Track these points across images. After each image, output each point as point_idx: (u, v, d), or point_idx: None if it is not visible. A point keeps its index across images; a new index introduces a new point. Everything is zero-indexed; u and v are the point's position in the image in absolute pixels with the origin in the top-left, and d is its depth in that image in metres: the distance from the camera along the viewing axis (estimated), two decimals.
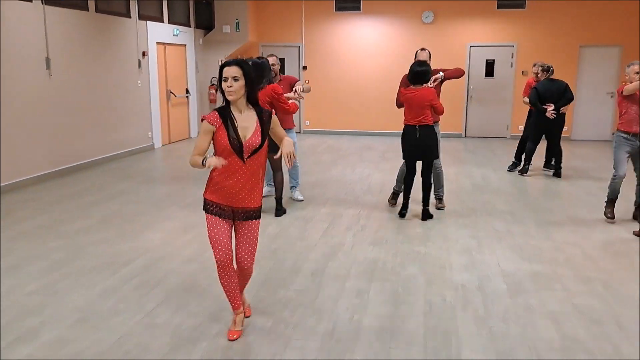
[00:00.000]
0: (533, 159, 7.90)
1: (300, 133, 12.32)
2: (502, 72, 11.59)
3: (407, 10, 11.66)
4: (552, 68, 7.61)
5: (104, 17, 8.44)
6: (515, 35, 11.39)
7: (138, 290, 3.77)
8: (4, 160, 6.59)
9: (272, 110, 3.01)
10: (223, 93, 2.87)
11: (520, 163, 8.02)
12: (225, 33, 11.77)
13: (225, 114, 2.89)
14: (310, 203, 6.16)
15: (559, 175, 7.63)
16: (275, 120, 3.00)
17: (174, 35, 10.59)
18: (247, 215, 3.00)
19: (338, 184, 7.16)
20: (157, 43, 10.02)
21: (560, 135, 7.69)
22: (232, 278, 3.02)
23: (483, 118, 11.87)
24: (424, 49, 5.88)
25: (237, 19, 11.69)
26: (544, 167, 8.13)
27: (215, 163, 2.75)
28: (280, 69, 7.07)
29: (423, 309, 3.49)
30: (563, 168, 7.80)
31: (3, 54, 6.53)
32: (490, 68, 11.61)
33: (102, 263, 4.29)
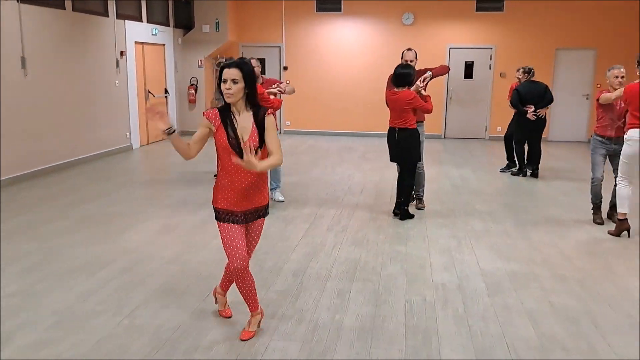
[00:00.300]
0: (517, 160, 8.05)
1: (281, 133, 12.30)
2: (481, 74, 11.74)
3: (387, 12, 11.74)
4: (533, 70, 7.75)
5: (81, 16, 8.32)
6: (494, 38, 11.55)
7: (117, 292, 3.73)
8: None
9: (268, 109, 2.92)
10: (222, 94, 2.83)
11: (514, 164, 8.12)
12: (205, 33, 11.70)
13: (225, 114, 2.87)
14: (291, 204, 6.16)
15: (536, 176, 7.76)
16: (271, 124, 2.91)
17: (153, 35, 10.49)
18: (257, 214, 3.00)
19: (319, 185, 7.17)
20: (135, 42, 9.91)
21: (541, 137, 7.82)
22: (249, 282, 3.01)
23: (462, 119, 12.01)
24: (410, 49, 5.90)
25: (216, 19, 11.63)
26: (527, 167, 8.25)
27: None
28: (261, 70, 7.13)
29: (404, 309, 3.52)
30: (540, 169, 7.93)
31: None
32: (470, 70, 11.75)
33: (80, 265, 4.23)
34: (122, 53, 9.40)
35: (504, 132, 8.50)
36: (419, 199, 6.04)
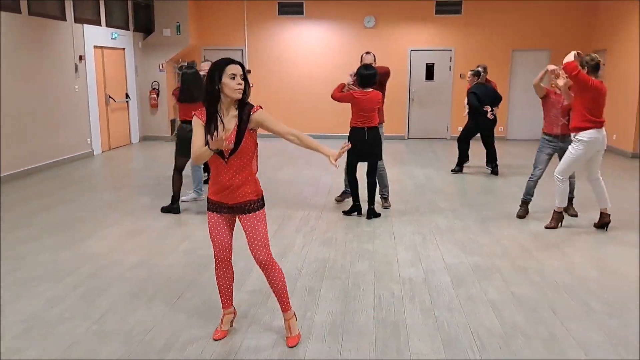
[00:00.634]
0: (471, 158, 8.30)
1: None
2: (441, 75, 12.03)
3: (349, 15, 11.90)
4: (481, 72, 8.01)
5: (38, 20, 8.13)
6: (453, 40, 11.85)
7: (85, 298, 3.68)
8: None
9: (256, 107, 2.89)
10: (216, 91, 2.77)
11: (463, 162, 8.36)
12: (166, 36, 11.58)
13: (210, 114, 2.84)
14: None
15: (497, 173, 8.02)
16: (261, 118, 2.87)
17: (112, 39, 10.33)
18: (243, 209, 2.94)
19: (286, 187, 7.22)
20: (94, 47, 9.74)
21: (494, 135, 8.14)
22: (227, 274, 3.06)
23: (424, 120, 12.27)
24: (369, 52, 6.02)
25: (177, 22, 11.52)
26: (487, 165, 8.49)
27: (219, 144, 2.69)
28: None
29: (373, 303, 3.62)
30: (499, 166, 8.21)
31: None
32: (430, 72, 12.02)
33: (45, 272, 4.16)
34: (81, 57, 9.23)
35: (455, 132, 8.75)
36: (384, 199, 6.17)
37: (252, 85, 8.24)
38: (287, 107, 12.24)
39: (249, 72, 12.20)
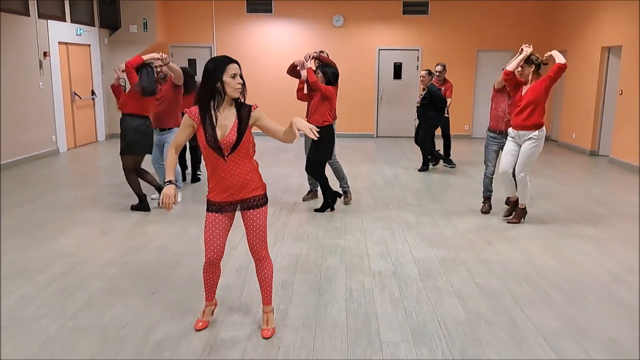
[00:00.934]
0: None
1: None
2: (409, 74, 12.26)
3: (317, 14, 12.00)
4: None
5: (0, 15, 7.94)
6: (420, 40, 12.10)
7: (58, 296, 3.68)
8: None
9: (254, 105, 2.96)
10: (213, 87, 2.81)
11: (429, 161, 8.58)
12: (132, 33, 11.44)
13: (205, 111, 2.87)
14: None
15: (432, 166, 8.52)
16: (259, 115, 2.94)
17: (78, 35, 10.16)
18: (247, 205, 2.99)
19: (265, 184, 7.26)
20: (59, 43, 9.57)
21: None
22: (215, 276, 3.16)
23: (392, 118, 12.48)
24: (322, 52, 6.17)
25: (144, 19, 11.40)
26: (444, 162, 8.73)
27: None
28: (193, 70, 7.29)
29: (344, 296, 3.74)
30: (464, 164, 8.53)
31: None
32: (398, 71, 12.24)
33: (15, 270, 4.12)
34: (45, 54, 9.06)
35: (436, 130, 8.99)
36: (345, 192, 6.28)
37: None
38: (255, 104, 12.24)
39: None
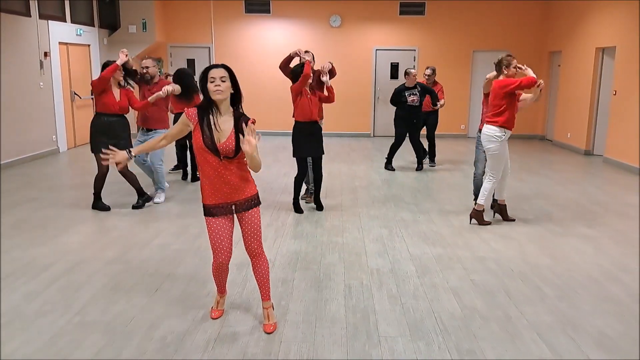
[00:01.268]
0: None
1: None
2: None
3: (315, 14, 12.09)
4: (409, 72, 8.33)
5: (2, 15, 8.01)
6: (417, 40, 12.19)
7: (63, 292, 3.77)
8: None
9: (251, 120, 2.99)
10: (205, 95, 2.94)
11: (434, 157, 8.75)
12: (132, 33, 11.51)
13: (204, 113, 2.97)
14: None
15: (422, 169, 8.56)
16: (250, 131, 2.95)
17: (77, 35, 10.23)
18: (244, 206, 3.10)
19: (256, 183, 7.34)
20: (59, 43, 9.64)
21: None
22: (224, 274, 3.32)
23: (389, 118, 12.52)
24: (308, 52, 6.18)
25: (143, 19, 11.48)
26: (430, 163, 8.88)
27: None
28: (192, 70, 7.39)
29: (343, 292, 3.83)
30: (463, 164, 8.60)
31: None
32: (395, 70, 12.33)
33: (20, 267, 4.20)
34: (45, 54, 9.12)
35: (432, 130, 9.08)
36: (311, 194, 6.37)
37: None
38: (254, 104, 12.31)
39: None
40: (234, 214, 3.14)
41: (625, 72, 8.85)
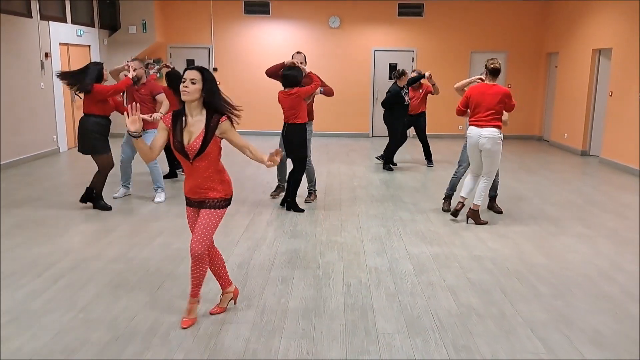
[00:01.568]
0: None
1: None
2: None
3: (314, 15, 12.16)
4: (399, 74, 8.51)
5: (3, 17, 8.08)
6: (415, 41, 12.27)
7: (67, 290, 3.84)
8: None
9: (224, 117, 3.06)
10: (179, 95, 3.03)
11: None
12: (132, 34, 11.58)
13: (178, 116, 3.09)
14: None
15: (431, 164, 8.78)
16: (226, 128, 3.05)
17: (78, 36, 10.29)
18: (205, 205, 3.21)
19: (254, 183, 7.44)
20: (60, 44, 9.70)
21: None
22: (212, 259, 3.37)
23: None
24: (300, 52, 6.27)
25: (143, 20, 11.54)
26: (428, 164, 8.98)
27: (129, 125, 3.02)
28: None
29: (342, 290, 3.91)
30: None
31: None
32: (393, 71, 12.37)
33: (24, 266, 4.27)
34: (46, 54, 9.19)
35: (428, 130, 9.15)
36: (310, 193, 6.46)
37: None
38: (252, 105, 12.39)
39: (215, 70, 12.33)
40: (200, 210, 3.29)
41: (621, 73, 8.94)
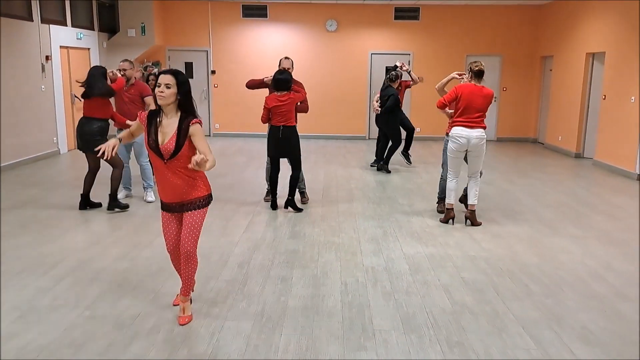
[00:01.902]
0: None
1: (210, 136, 12.53)
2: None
3: (311, 19, 12.29)
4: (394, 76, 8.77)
5: (5, 20, 8.18)
6: (411, 45, 12.42)
7: (73, 288, 3.94)
8: None
9: (195, 120, 3.16)
10: (155, 98, 3.16)
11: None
12: (131, 37, 11.69)
13: (153, 116, 3.21)
14: (228, 203, 6.51)
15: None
16: (194, 131, 3.12)
17: (78, 39, 10.39)
18: (186, 207, 3.30)
19: (252, 185, 7.55)
20: (60, 47, 9.80)
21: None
22: (179, 265, 3.45)
23: None
24: (287, 58, 6.35)
25: (142, 23, 11.65)
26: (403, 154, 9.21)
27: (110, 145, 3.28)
28: (189, 74, 7.63)
29: (340, 289, 4.02)
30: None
31: None
32: (388, 74, 12.49)
33: (30, 265, 4.38)
34: (47, 57, 9.28)
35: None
36: (302, 193, 6.60)
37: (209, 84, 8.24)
38: (250, 107, 12.51)
39: (213, 72, 12.45)
40: (182, 213, 3.34)
41: (614, 77, 9.09)
